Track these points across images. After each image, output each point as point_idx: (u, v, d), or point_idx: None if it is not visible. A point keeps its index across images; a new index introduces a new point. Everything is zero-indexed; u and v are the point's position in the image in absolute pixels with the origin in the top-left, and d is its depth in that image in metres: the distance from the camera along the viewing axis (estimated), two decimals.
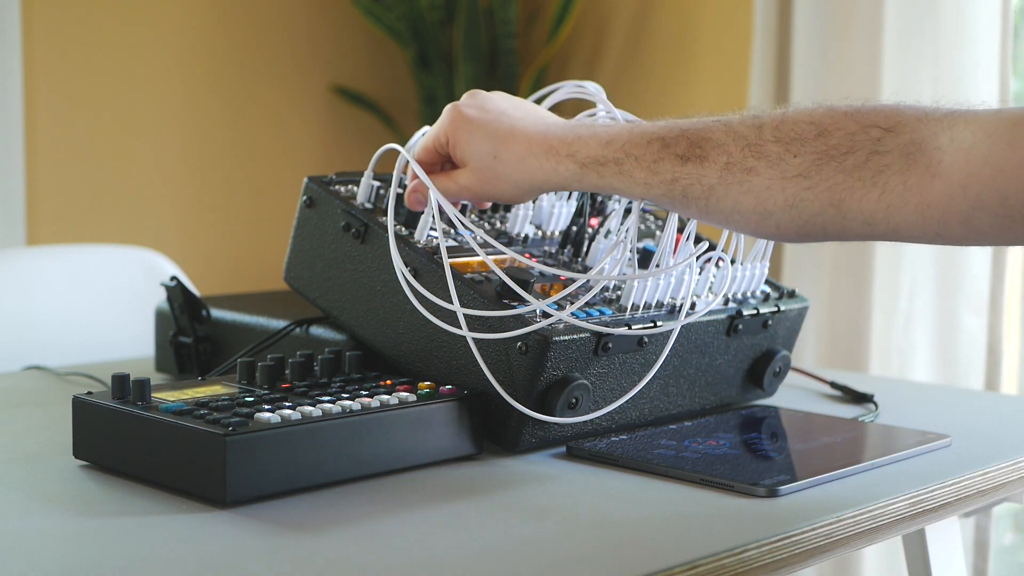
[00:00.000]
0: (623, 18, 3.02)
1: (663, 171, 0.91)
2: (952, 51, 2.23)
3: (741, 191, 0.89)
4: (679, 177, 0.90)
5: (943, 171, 0.83)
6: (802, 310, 1.16)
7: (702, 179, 0.90)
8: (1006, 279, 2.25)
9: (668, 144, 0.91)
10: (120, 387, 0.89)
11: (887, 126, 0.86)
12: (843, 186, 0.86)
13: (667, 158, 0.91)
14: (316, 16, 3.11)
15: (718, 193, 0.90)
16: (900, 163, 0.85)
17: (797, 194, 0.87)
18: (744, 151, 0.89)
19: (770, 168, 0.88)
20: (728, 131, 0.90)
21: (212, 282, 2.73)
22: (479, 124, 0.97)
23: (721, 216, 0.91)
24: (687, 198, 0.91)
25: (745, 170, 0.88)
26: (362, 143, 3.18)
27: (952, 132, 0.83)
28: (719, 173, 0.89)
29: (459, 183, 0.99)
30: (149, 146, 2.85)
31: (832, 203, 0.87)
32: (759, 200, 0.88)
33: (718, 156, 0.89)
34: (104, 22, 2.75)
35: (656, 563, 0.72)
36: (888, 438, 1.04)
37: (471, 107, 0.99)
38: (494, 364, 0.94)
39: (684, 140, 0.91)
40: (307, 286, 1.09)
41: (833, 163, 0.86)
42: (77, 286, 1.65)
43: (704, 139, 0.90)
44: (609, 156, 0.93)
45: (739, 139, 0.89)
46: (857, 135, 0.86)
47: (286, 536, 0.77)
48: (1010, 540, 2.70)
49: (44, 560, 0.72)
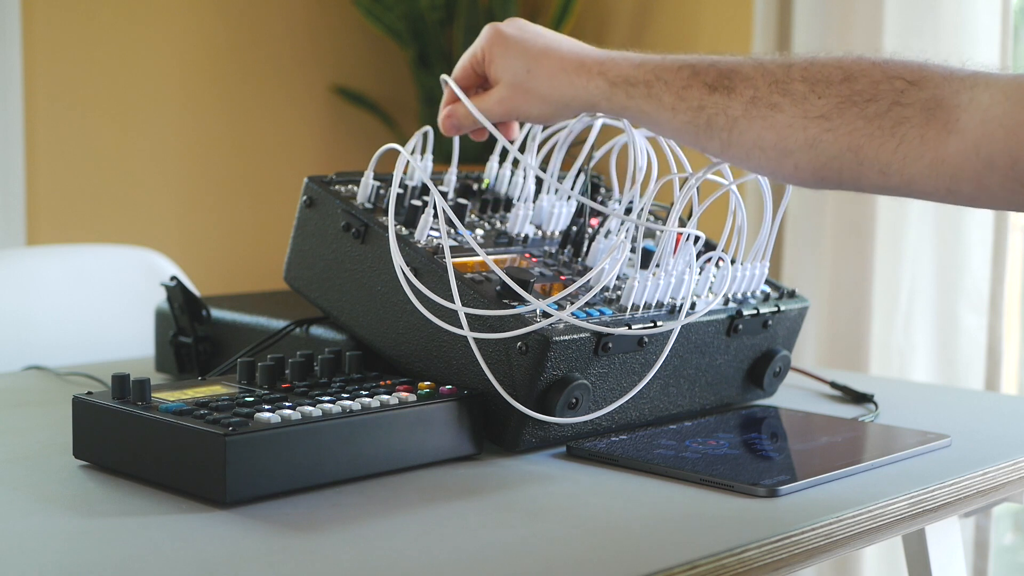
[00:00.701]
0: (623, 18, 3.02)
1: (690, 97, 0.93)
2: (952, 51, 2.23)
3: (764, 126, 0.90)
4: (706, 105, 0.92)
5: (959, 129, 0.84)
6: (802, 310, 1.16)
7: (728, 109, 0.91)
8: (1006, 279, 2.25)
9: (698, 72, 0.93)
10: (120, 387, 0.89)
11: (912, 79, 0.87)
12: (863, 132, 0.87)
13: (696, 85, 0.93)
14: (316, 16, 3.11)
15: (741, 126, 0.91)
16: (920, 116, 0.86)
17: (817, 135, 0.89)
18: (771, 87, 0.90)
19: (794, 106, 0.89)
20: (757, 67, 0.92)
21: (212, 282, 2.73)
22: (515, 41, 1.00)
23: (742, 151, 0.92)
24: (711, 128, 0.92)
25: (770, 105, 0.90)
26: (362, 143, 3.18)
27: (973, 92, 0.84)
28: (744, 106, 0.91)
29: (492, 98, 1.01)
30: (149, 146, 2.85)
31: (850, 148, 0.88)
32: (780, 137, 0.90)
33: (745, 89, 0.91)
34: (104, 22, 2.75)
35: (656, 563, 0.72)
36: (888, 438, 1.04)
37: (510, 26, 1.02)
38: (494, 364, 0.94)
39: (714, 70, 0.93)
40: (307, 286, 1.09)
41: (855, 108, 0.87)
42: (77, 286, 1.65)
43: (733, 71, 0.92)
44: (639, 77, 0.95)
45: (767, 75, 0.91)
46: (882, 84, 0.87)
47: (286, 536, 0.77)
48: (1010, 540, 2.70)
49: (44, 560, 0.72)
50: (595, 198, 1.19)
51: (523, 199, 1.13)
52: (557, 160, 1.12)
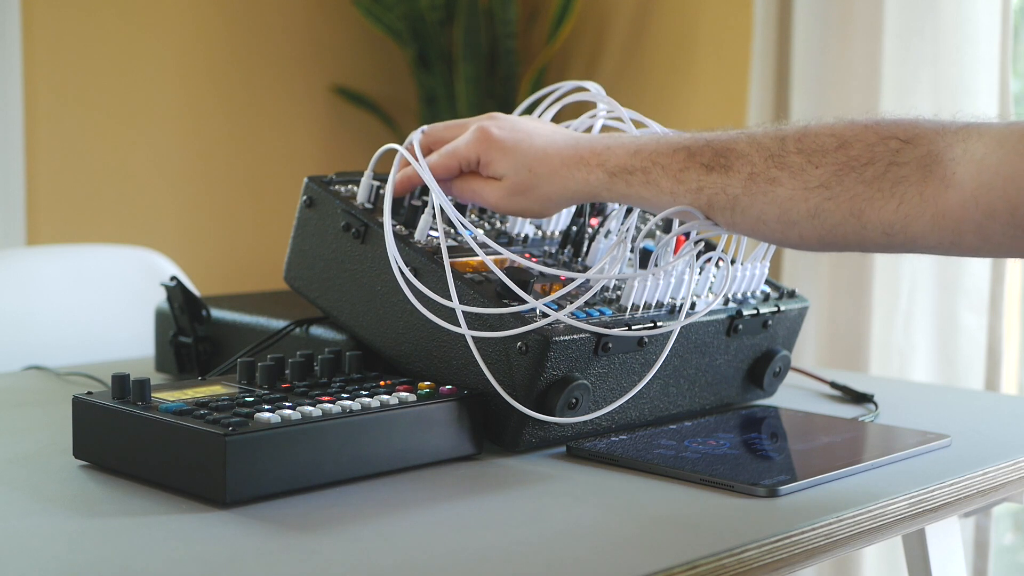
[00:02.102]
0: (623, 18, 3.02)
1: (689, 180, 0.93)
2: (952, 51, 2.23)
3: (765, 201, 0.91)
4: (704, 186, 0.92)
5: (956, 182, 0.84)
6: (802, 310, 1.16)
7: (727, 188, 0.92)
8: (1006, 279, 2.25)
9: (693, 154, 0.93)
10: (120, 387, 0.89)
11: (906, 138, 0.87)
12: (863, 196, 0.87)
13: (693, 167, 0.93)
14: (316, 16, 3.11)
15: (743, 203, 0.91)
16: (917, 174, 0.86)
17: (819, 204, 0.89)
18: (767, 162, 0.91)
19: (793, 179, 0.90)
20: (751, 142, 0.92)
21: (212, 282, 2.73)
22: (513, 144, 0.99)
23: (746, 226, 0.93)
24: (712, 208, 0.93)
25: (769, 180, 0.90)
26: (362, 143, 3.18)
27: (966, 144, 0.85)
28: (743, 183, 0.91)
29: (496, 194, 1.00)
30: (149, 146, 2.85)
31: (853, 213, 0.88)
32: (783, 210, 0.90)
33: (742, 166, 0.91)
34: (104, 22, 2.75)
35: (656, 563, 0.72)
36: (888, 438, 1.04)
37: (500, 128, 1.00)
38: (494, 364, 0.94)
39: (709, 150, 0.93)
40: (307, 286, 1.09)
41: (854, 174, 0.88)
42: (77, 286, 1.65)
43: (728, 149, 0.92)
44: (637, 165, 0.95)
45: (762, 150, 0.91)
46: (877, 146, 0.88)
47: (286, 536, 0.77)
48: (1010, 540, 2.70)
49: (44, 560, 0.72)
50: None
51: None
52: None
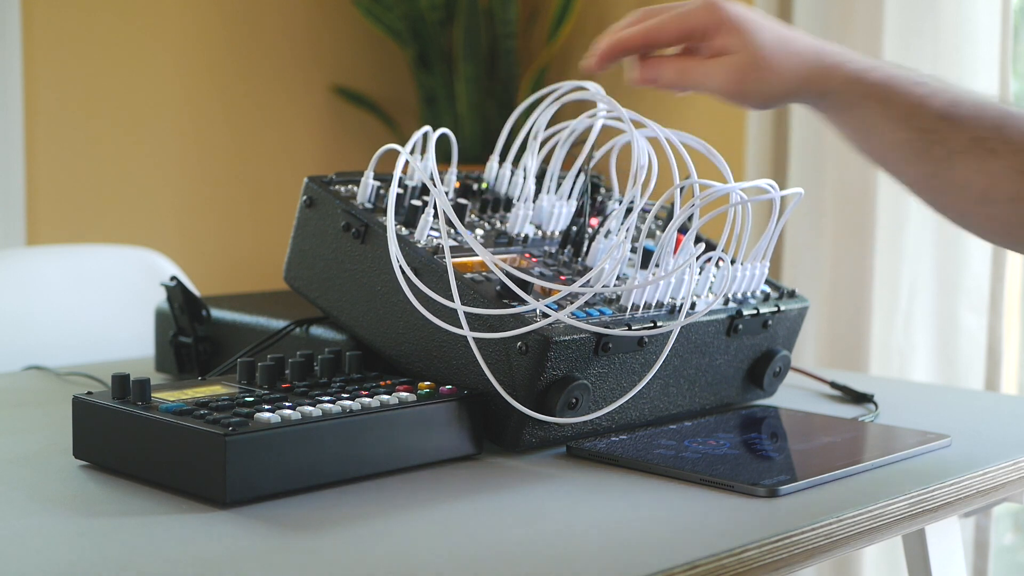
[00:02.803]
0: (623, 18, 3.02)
1: (921, 116, 0.89)
2: (952, 51, 2.23)
3: (978, 168, 0.87)
4: (933, 129, 0.88)
5: None
6: (802, 310, 1.16)
7: (948, 141, 0.88)
8: (1006, 279, 2.25)
9: (935, 93, 0.89)
10: (120, 387, 0.89)
11: None
12: None
13: (927, 106, 0.89)
14: (316, 16, 3.11)
15: (956, 162, 0.88)
16: None
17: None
18: (992, 131, 0.87)
19: (1012, 155, 0.86)
20: (978, 105, 0.88)
21: (212, 282, 2.73)
22: (751, 16, 0.93)
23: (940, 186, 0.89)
24: (926, 154, 0.89)
25: (989, 149, 0.87)
26: (362, 143, 3.18)
27: None
28: (967, 142, 0.87)
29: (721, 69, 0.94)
30: (149, 146, 2.85)
31: None
32: (991, 183, 0.87)
33: (970, 124, 0.88)
34: (104, 22, 2.75)
35: (656, 563, 0.72)
36: (888, 438, 1.04)
37: (733, 5, 0.94)
38: (494, 364, 0.94)
39: (947, 96, 0.89)
40: (307, 286, 1.09)
41: None
42: (77, 286, 1.65)
43: (959, 102, 0.89)
44: (877, 77, 0.90)
45: (988, 114, 0.88)
46: None
47: (286, 536, 0.77)
48: (1010, 540, 2.70)
49: (44, 560, 0.72)
50: (595, 198, 1.19)
51: (523, 199, 1.13)
52: (558, 160, 1.12)
